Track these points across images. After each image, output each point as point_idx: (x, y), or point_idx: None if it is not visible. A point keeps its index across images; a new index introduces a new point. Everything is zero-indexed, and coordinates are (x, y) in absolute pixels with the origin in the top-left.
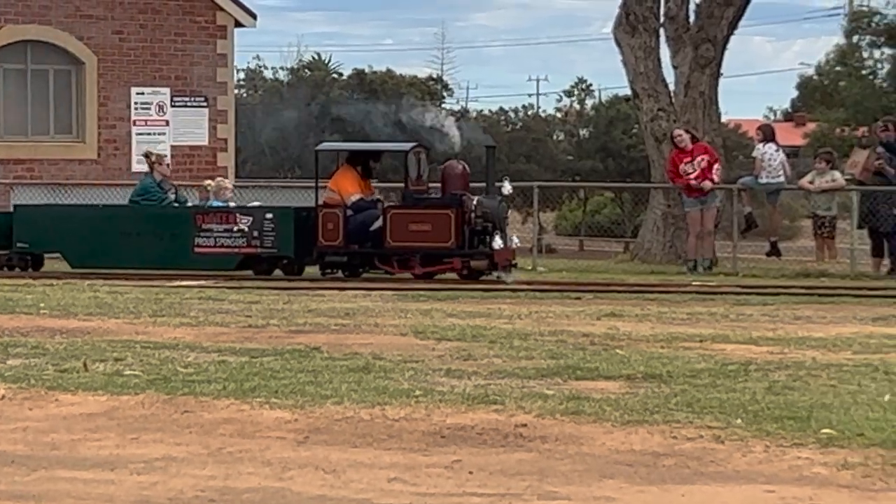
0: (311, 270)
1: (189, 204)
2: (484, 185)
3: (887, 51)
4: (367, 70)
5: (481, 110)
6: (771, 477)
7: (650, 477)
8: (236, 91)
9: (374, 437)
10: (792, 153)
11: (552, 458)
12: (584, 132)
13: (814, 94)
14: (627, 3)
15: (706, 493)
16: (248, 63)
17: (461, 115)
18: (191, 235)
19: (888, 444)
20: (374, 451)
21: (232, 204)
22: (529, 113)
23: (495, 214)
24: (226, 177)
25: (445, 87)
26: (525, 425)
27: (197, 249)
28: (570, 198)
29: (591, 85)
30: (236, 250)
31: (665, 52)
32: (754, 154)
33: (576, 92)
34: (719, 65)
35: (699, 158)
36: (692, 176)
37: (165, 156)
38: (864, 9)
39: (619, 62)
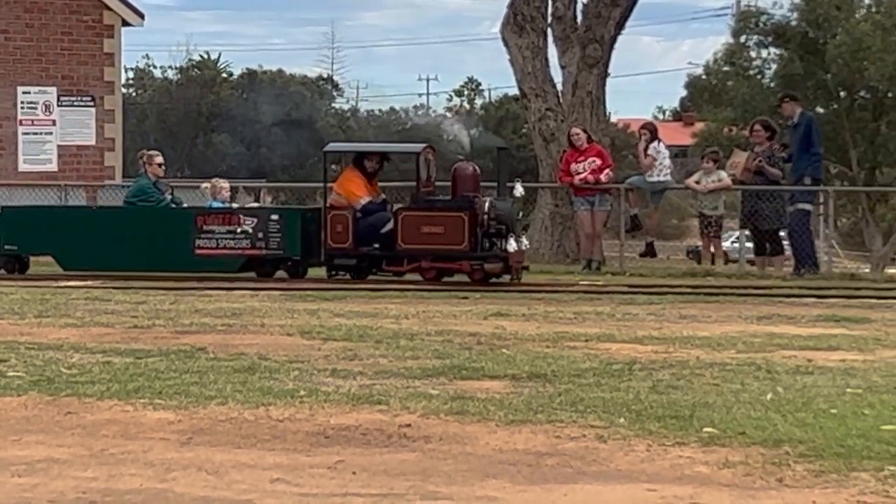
0: (313, 273)
1: (184, 205)
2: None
3: (774, 50)
4: (257, 69)
5: (372, 110)
6: (653, 476)
7: (533, 476)
8: (125, 90)
9: (257, 437)
10: (681, 153)
11: (436, 457)
12: (473, 131)
13: (702, 94)
14: (515, 3)
15: (588, 492)
16: (137, 62)
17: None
18: (191, 237)
19: (769, 443)
20: (257, 452)
21: (236, 205)
22: (420, 112)
23: (508, 217)
24: (112, 177)
25: (336, 86)
26: (409, 425)
27: (198, 251)
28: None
29: (480, 84)
30: (239, 252)
31: (553, 52)
32: (649, 151)
33: (466, 91)
34: (607, 64)
35: (590, 159)
36: (580, 177)
37: (157, 155)
38: (752, 9)
39: (507, 62)
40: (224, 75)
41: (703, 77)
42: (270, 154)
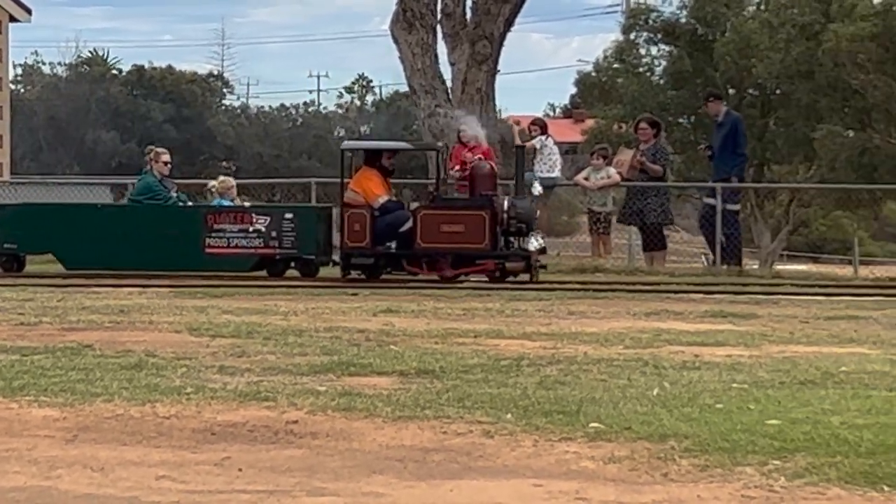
0: (324, 271)
1: (189, 203)
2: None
3: (664, 47)
4: (146, 66)
5: (262, 107)
6: (539, 471)
7: (419, 472)
8: (12, 87)
9: (143, 434)
10: (571, 149)
11: (322, 454)
12: (364, 128)
13: (592, 91)
14: None
15: (474, 487)
16: (25, 59)
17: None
18: (201, 236)
19: (654, 438)
20: (143, 449)
21: (247, 203)
22: (311, 110)
23: (528, 215)
24: (0, 174)
25: (226, 83)
26: (296, 422)
27: (208, 250)
28: (283, 196)
29: (371, 81)
30: (252, 251)
31: (442, 49)
32: (535, 143)
33: (356, 88)
34: (496, 61)
35: (478, 156)
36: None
37: (164, 152)
38: (641, 6)
39: (397, 59)
40: (114, 72)
41: (593, 74)
42: None
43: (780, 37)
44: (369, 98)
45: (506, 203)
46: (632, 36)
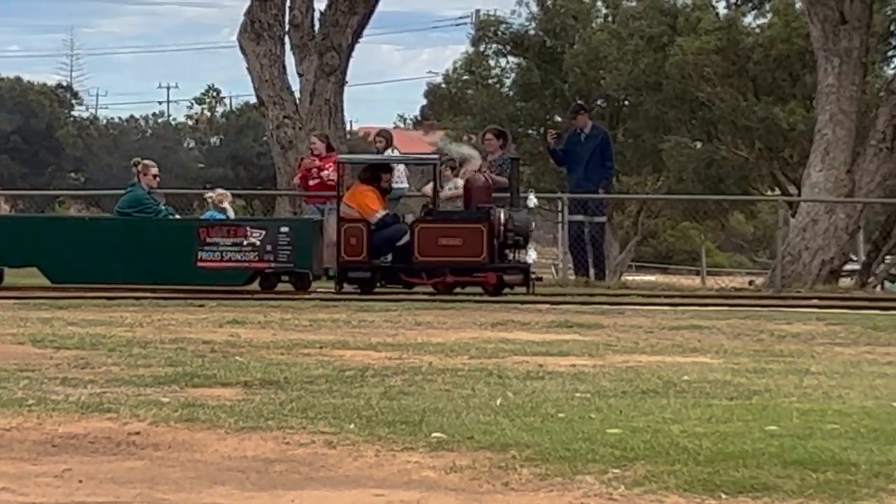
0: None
1: (177, 216)
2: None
3: (513, 59)
4: None
5: (111, 118)
6: (380, 481)
7: (261, 483)
8: None
9: None
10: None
11: (164, 465)
12: (214, 140)
13: (442, 103)
14: (252, 10)
15: (315, 497)
16: None
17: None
18: (193, 249)
19: (496, 447)
20: None
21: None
22: (160, 121)
23: (525, 227)
24: None
25: (75, 94)
26: (138, 433)
27: (200, 264)
28: (200, 205)
29: (220, 92)
30: (246, 265)
31: (291, 60)
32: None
33: (206, 99)
34: (344, 72)
35: (328, 169)
36: (312, 185)
37: (153, 165)
38: (491, 18)
39: (245, 70)
40: None
41: (443, 86)
42: (10, 162)
43: (628, 48)
44: (219, 109)
45: (503, 216)
46: (481, 48)
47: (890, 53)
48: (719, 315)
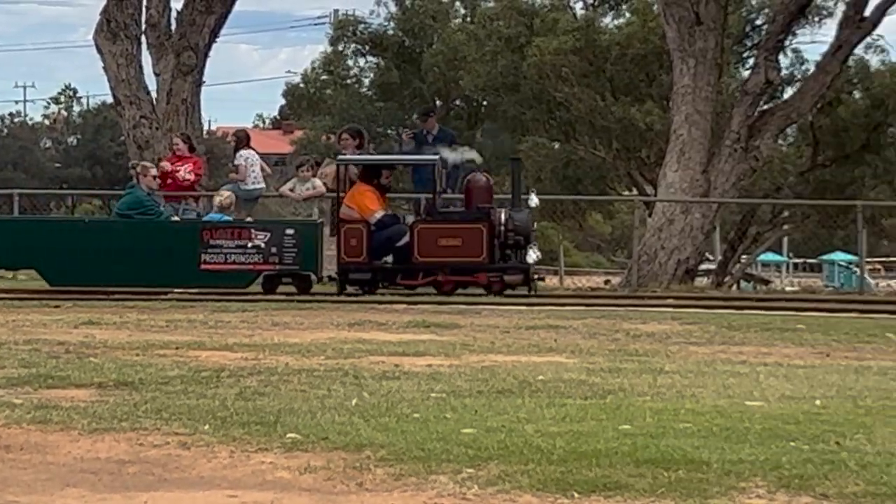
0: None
1: (174, 218)
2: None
3: (372, 59)
4: None
5: None
6: (234, 482)
7: (114, 484)
8: None
9: None
10: (280, 161)
11: (16, 467)
12: (71, 139)
13: (301, 103)
14: (109, 9)
15: (168, 499)
16: None
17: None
18: (196, 251)
19: (351, 448)
20: None
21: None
22: (16, 120)
23: (526, 227)
24: None
25: None
26: None
27: (203, 266)
28: (57, 206)
29: (77, 92)
30: (250, 267)
31: (148, 60)
32: (236, 161)
33: (63, 99)
34: (201, 72)
35: (186, 168)
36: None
37: (152, 167)
38: (349, 17)
39: (102, 69)
40: None
41: (302, 86)
42: None
43: (486, 49)
44: (76, 109)
45: (503, 216)
46: (340, 47)
47: (745, 54)
48: (576, 315)
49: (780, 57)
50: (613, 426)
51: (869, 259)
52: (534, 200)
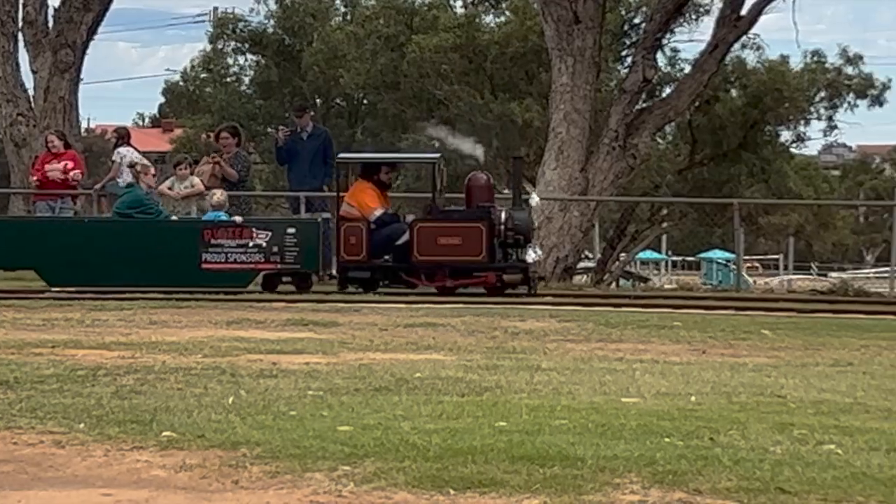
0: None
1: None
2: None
3: (252, 57)
4: None
5: None
6: (109, 480)
7: None
8: None
9: None
10: (160, 158)
11: None
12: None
13: (180, 101)
14: None
15: (42, 498)
16: None
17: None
18: (197, 251)
19: (227, 445)
20: None
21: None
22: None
23: (526, 227)
24: None
25: None
26: None
27: (204, 266)
28: None
29: None
30: (252, 266)
31: (24, 57)
32: (114, 158)
33: None
34: (79, 70)
35: (64, 163)
36: (50, 175)
37: (150, 166)
38: (229, 15)
39: None
40: None
41: (181, 84)
42: None
43: (366, 48)
44: None
45: (503, 215)
46: (219, 45)
47: (623, 53)
48: (454, 313)
49: (658, 55)
50: (489, 423)
51: (746, 257)
52: (535, 199)
